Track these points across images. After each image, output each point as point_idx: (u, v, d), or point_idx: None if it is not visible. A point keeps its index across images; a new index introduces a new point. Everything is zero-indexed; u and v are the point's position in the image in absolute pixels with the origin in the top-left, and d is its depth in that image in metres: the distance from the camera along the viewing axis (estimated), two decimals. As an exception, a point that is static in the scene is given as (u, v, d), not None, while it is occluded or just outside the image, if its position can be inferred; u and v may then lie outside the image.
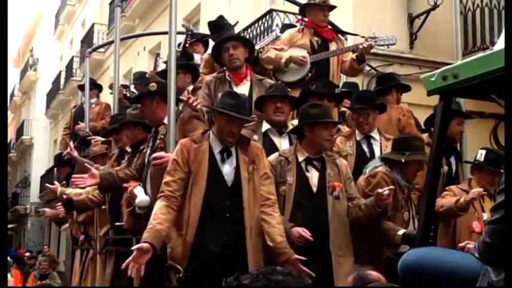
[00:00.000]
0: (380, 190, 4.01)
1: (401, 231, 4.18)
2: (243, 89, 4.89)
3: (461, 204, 4.52)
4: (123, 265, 3.62)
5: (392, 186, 4.08)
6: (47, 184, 6.73)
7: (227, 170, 3.92)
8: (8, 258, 17.53)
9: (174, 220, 3.84)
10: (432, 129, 4.38)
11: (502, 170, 4.75)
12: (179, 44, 6.63)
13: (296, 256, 3.81)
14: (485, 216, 4.62)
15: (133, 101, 5.51)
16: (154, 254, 3.67)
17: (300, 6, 6.06)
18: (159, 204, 3.83)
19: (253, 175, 3.91)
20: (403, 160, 4.42)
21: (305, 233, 3.92)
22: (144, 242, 3.64)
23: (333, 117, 4.60)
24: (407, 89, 5.78)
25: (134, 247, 3.66)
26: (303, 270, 3.64)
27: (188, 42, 6.40)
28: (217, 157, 3.95)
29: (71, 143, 6.56)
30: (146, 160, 4.65)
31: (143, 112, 4.78)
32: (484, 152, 4.80)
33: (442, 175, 4.87)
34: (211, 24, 6.11)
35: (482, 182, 4.78)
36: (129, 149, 5.64)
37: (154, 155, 4.32)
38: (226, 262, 3.75)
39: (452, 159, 5.35)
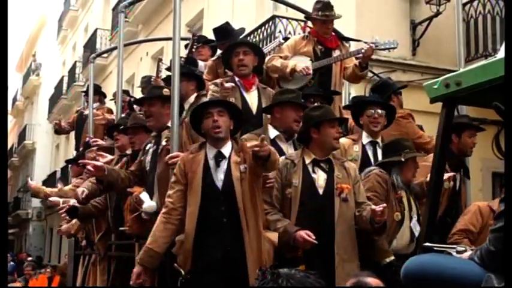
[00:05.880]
0: (374, 207, 3.96)
1: (389, 259, 4.18)
2: (253, 95, 4.90)
3: None
4: None
5: (384, 204, 3.99)
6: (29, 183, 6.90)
7: (220, 174, 3.89)
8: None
9: (175, 231, 3.93)
10: None
11: None
12: (186, 46, 6.63)
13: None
14: None
15: (141, 101, 5.49)
16: (149, 270, 3.96)
17: (306, 16, 6.08)
18: (158, 221, 3.97)
19: (246, 174, 3.85)
20: (402, 159, 4.42)
21: (309, 236, 3.86)
22: (138, 263, 3.96)
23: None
24: (402, 88, 5.82)
25: (133, 274, 3.94)
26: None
27: (195, 48, 6.36)
28: (211, 163, 3.93)
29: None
30: (148, 167, 4.61)
31: (151, 111, 4.61)
32: None
33: (449, 189, 4.79)
34: (217, 30, 6.10)
35: None
36: (129, 151, 5.64)
37: (171, 154, 4.24)
38: (226, 266, 3.76)
39: (457, 175, 5.16)
